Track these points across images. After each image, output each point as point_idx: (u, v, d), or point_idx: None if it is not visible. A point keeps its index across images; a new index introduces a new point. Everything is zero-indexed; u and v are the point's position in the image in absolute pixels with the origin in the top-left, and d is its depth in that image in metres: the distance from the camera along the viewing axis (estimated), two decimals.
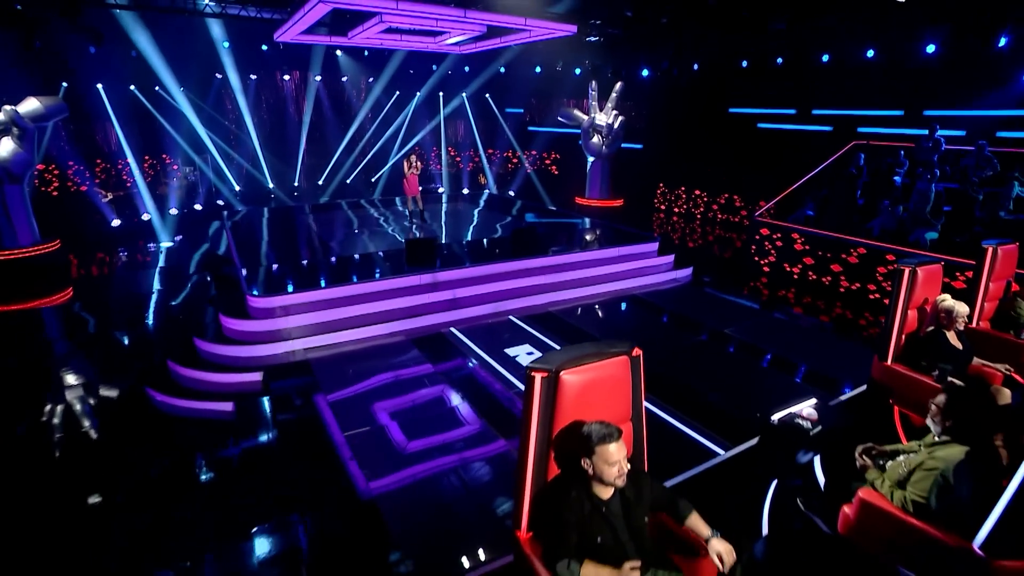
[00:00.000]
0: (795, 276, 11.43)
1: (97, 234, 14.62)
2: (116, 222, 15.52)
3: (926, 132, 11.88)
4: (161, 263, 12.13)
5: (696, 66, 17.62)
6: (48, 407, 6.32)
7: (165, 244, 13.90)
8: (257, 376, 6.82)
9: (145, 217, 16.31)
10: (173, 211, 17.07)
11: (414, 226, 13.47)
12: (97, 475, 5.16)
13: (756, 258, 12.30)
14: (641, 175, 19.38)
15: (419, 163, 13.24)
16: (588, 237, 12.27)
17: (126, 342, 8.06)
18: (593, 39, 14.84)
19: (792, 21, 13.98)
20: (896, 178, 12.35)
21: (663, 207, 18.96)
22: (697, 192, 18.18)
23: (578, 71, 19.51)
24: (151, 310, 9.36)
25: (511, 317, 8.66)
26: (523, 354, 7.37)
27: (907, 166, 12.43)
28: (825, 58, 14.65)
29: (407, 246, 9.53)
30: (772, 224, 12.02)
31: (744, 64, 16.40)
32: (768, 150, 16.44)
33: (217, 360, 7.29)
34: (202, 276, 10.82)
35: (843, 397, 6.42)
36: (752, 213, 16.81)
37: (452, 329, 8.20)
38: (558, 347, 7.60)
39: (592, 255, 10.76)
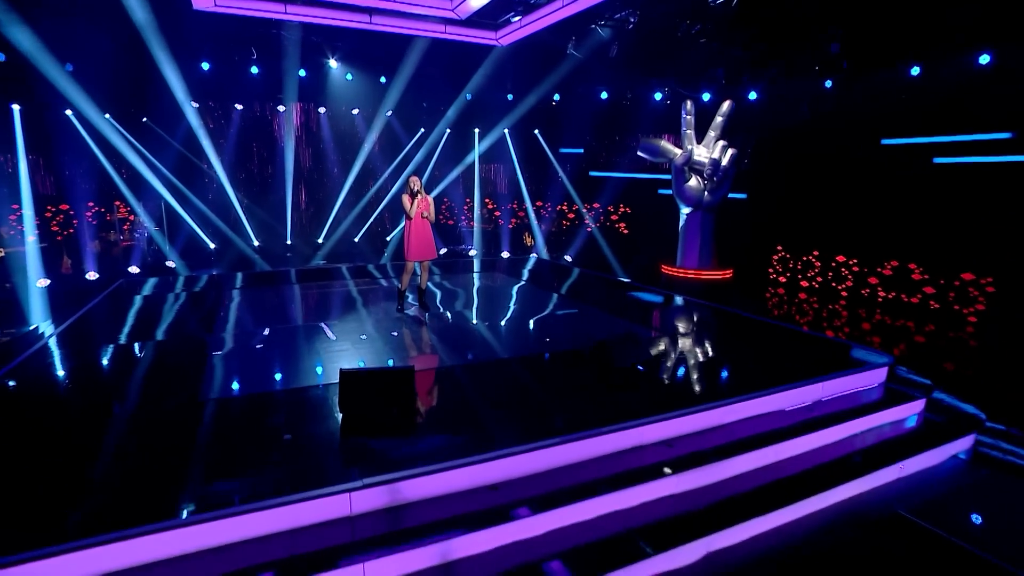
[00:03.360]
0: None
1: None
2: None
3: None
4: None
5: (829, 83, 12.17)
6: None
7: (44, 326, 8.86)
8: None
9: (41, 284, 11.47)
10: (92, 275, 12.20)
11: (403, 314, 8.04)
12: None
13: None
14: (749, 235, 13.64)
15: (425, 194, 7.94)
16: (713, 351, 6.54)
17: None
18: (705, 14, 9.57)
19: None
20: None
21: (781, 279, 13.03)
22: (840, 259, 12.25)
23: (658, 95, 14.27)
24: None
25: None
26: None
27: None
28: None
29: (340, 388, 4.06)
30: None
31: (915, 71, 10.84)
32: (959, 195, 10.58)
33: None
34: None
35: None
36: (945, 287, 10.60)
37: None
38: None
39: (760, 405, 5.01)
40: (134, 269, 12.49)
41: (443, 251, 15.31)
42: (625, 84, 14.19)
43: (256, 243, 15.22)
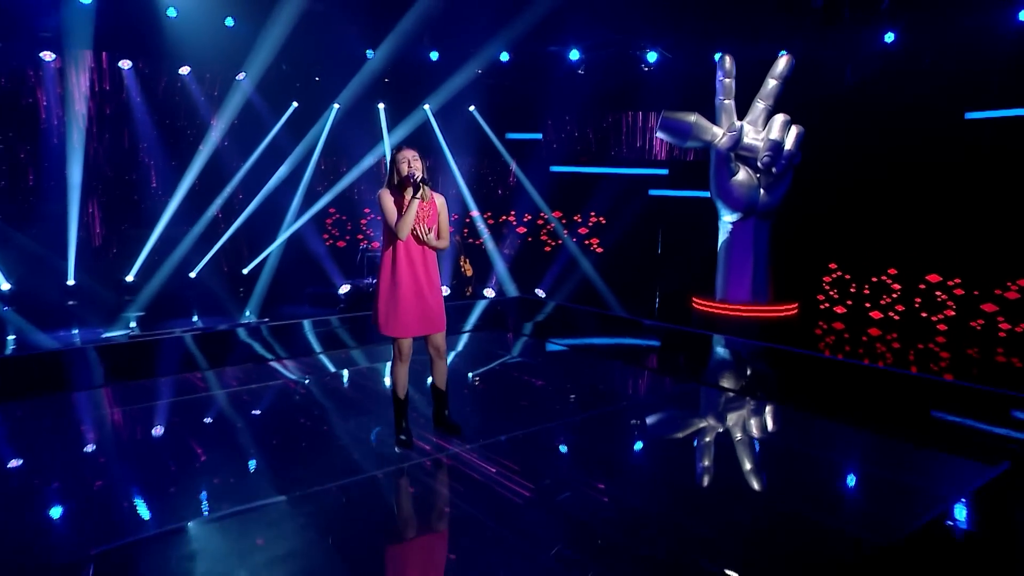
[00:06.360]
0: None
1: None
2: None
3: None
4: None
5: (893, 35, 8.89)
6: None
7: None
8: None
9: None
10: None
11: (409, 451, 2.87)
12: None
13: None
14: (791, 249, 9.78)
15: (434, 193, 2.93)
16: None
17: None
18: None
19: None
20: None
21: (842, 310, 9.31)
22: (933, 279, 8.78)
23: (652, 56, 10.15)
24: None
25: None
26: None
27: None
28: None
29: None
30: None
31: None
32: None
33: None
34: None
35: None
36: None
37: None
38: None
39: None
40: None
41: (344, 289, 9.91)
42: (616, 36, 9.88)
43: (5, 287, 8.69)
